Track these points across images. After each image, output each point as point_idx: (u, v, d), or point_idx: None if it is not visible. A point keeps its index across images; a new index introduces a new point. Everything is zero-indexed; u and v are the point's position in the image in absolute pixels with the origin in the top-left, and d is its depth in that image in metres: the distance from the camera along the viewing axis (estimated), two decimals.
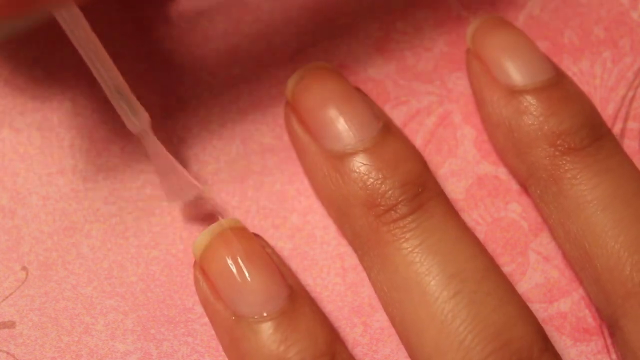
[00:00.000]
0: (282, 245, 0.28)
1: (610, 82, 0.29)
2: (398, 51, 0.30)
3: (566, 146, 0.26)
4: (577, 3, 0.30)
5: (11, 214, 0.28)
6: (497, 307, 0.24)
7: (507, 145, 0.28)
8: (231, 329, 0.25)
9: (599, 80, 0.29)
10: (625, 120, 0.29)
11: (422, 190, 0.26)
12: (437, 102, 0.29)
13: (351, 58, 0.29)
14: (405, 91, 0.29)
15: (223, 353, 0.26)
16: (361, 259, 0.27)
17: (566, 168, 0.26)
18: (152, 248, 0.28)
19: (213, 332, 0.27)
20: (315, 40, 0.30)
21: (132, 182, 0.28)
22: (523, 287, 0.27)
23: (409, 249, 0.25)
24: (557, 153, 0.26)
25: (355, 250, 0.27)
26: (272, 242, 0.28)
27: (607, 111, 0.29)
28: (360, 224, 0.26)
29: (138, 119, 0.26)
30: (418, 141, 0.29)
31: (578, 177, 0.26)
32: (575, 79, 0.29)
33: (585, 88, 0.29)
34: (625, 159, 0.27)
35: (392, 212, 0.26)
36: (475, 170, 0.29)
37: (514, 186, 0.29)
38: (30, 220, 0.28)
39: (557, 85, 0.27)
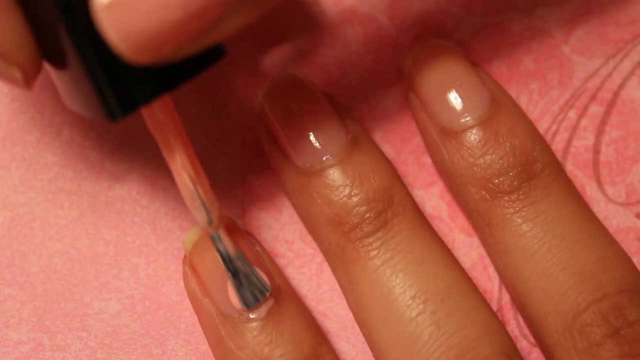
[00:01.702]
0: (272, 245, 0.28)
1: (534, 114, 0.29)
2: (324, 65, 0.30)
3: (496, 190, 0.26)
4: (509, 33, 0.30)
5: None
6: (459, 328, 0.24)
7: (447, 183, 0.28)
8: (217, 327, 0.25)
9: (524, 111, 0.29)
10: None
11: (388, 206, 0.26)
12: (359, 118, 0.29)
13: (277, 69, 0.30)
14: None
15: (116, 349, 0.27)
16: (334, 273, 0.27)
17: (497, 213, 0.26)
18: (57, 241, 0.28)
19: (108, 328, 0.27)
20: (243, 49, 0.30)
21: (44, 174, 0.28)
22: None
23: (373, 269, 0.25)
24: (487, 197, 0.26)
25: (329, 265, 0.27)
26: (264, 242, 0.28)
27: None
28: (329, 241, 0.26)
29: (213, 215, 0.24)
30: None
31: (508, 223, 0.26)
32: None
33: None
34: (557, 199, 0.26)
35: (357, 230, 0.26)
36: None
37: (428, 209, 0.29)
38: None
39: (488, 122, 0.26)
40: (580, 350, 0.24)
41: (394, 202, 0.26)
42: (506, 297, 0.28)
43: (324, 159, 0.26)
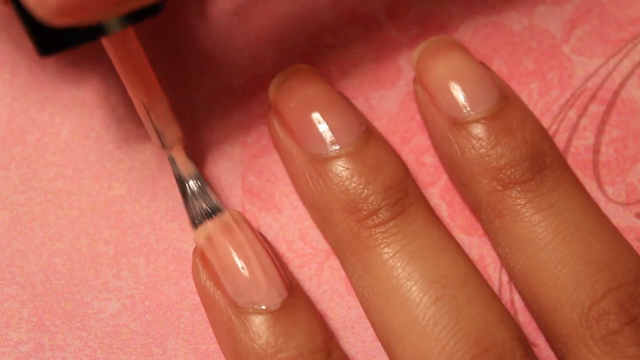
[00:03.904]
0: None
1: (534, 113, 0.29)
2: (324, 65, 0.30)
3: (507, 180, 0.26)
4: (510, 32, 0.30)
5: None
6: (478, 313, 0.24)
7: (454, 176, 0.28)
8: (229, 319, 0.25)
9: None
10: None
11: (404, 195, 0.26)
12: None
13: (277, 70, 0.30)
14: None
15: (116, 349, 0.27)
16: (343, 264, 0.27)
17: (508, 204, 0.26)
18: (57, 240, 0.28)
19: (108, 328, 0.27)
20: (242, 49, 0.30)
21: (44, 173, 0.28)
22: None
23: (390, 254, 0.25)
24: (499, 188, 0.26)
25: (337, 255, 0.27)
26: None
27: None
28: (342, 229, 0.26)
29: (169, 136, 0.27)
30: None
31: (520, 213, 0.26)
32: None
33: None
34: (568, 190, 0.26)
35: (374, 217, 0.26)
36: None
37: None
38: None
39: (499, 115, 0.27)
40: (598, 338, 0.24)
41: (409, 192, 0.26)
42: (506, 297, 0.28)
43: (340, 146, 0.26)
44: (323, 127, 0.26)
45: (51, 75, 0.29)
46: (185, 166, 0.27)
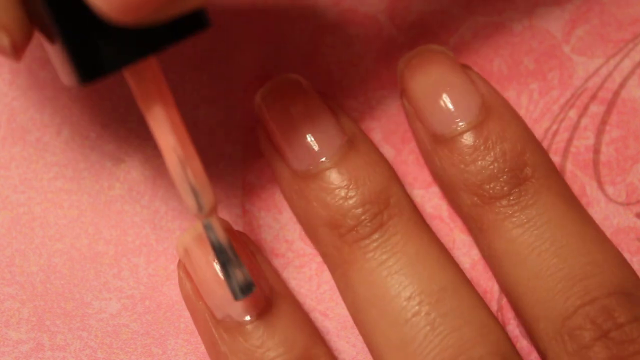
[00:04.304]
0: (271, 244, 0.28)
1: (535, 114, 0.29)
2: (324, 65, 0.30)
3: (487, 196, 0.26)
4: (510, 32, 0.30)
5: None
6: (454, 328, 0.24)
7: (442, 189, 0.28)
8: (211, 331, 0.25)
9: (524, 111, 0.29)
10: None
11: (385, 207, 0.26)
12: (359, 118, 0.29)
13: (277, 70, 0.30)
14: None
15: (116, 349, 0.27)
16: (332, 276, 0.27)
17: (489, 219, 0.26)
18: (57, 240, 0.28)
19: (108, 328, 0.27)
20: (242, 49, 0.30)
21: (44, 173, 0.28)
22: None
23: (369, 271, 0.25)
24: (479, 203, 0.26)
25: (328, 267, 0.27)
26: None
27: None
28: (326, 244, 0.26)
29: (207, 198, 0.23)
30: None
31: (498, 229, 0.26)
32: None
33: None
34: (547, 203, 0.26)
35: (354, 232, 0.26)
36: None
37: (428, 209, 0.29)
38: None
39: (478, 128, 0.26)
40: (571, 353, 0.24)
41: (390, 204, 0.26)
42: (503, 300, 0.28)
43: (319, 161, 0.26)
44: (302, 142, 0.26)
45: (51, 75, 0.29)
46: (223, 234, 0.24)
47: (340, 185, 0.26)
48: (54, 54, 0.22)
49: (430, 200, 0.29)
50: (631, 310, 0.24)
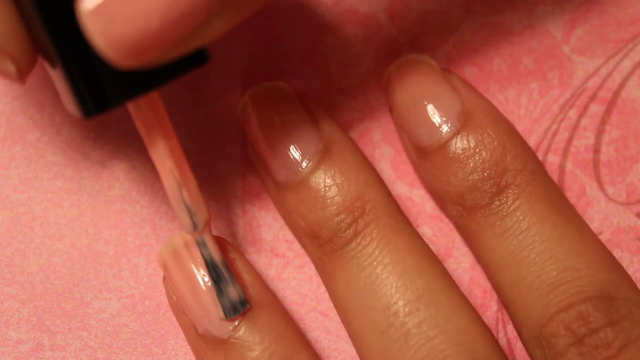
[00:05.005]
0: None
1: (535, 113, 0.29)
2: (324, 65, 0.30)
3: (469, 206, 0.26)
4: (510, 32, 0.30)
5: None
6: (429, 338, 0.24)
7: (432, 197, 0.28)
8: (196, 343, 0.25)
9: (524, 111, 0.29)
10: (546, 153, 0.29)
11: (359, 215, 0.26)
12: (358, 118, 0.29)
13: (277, 70, 0.30)
14: (327, 106, 0.29)
15: (116, 349, 0.27)
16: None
17: (473, 229, 0.26)
18: (57, 240, 0.28)
19: (108, 328, 0.27)
20: (242, 49, 0.30)
21: (44, 173, 0.28)
22: None
23: (346, 282, 0.25)
24: (463, 213, 0.26)
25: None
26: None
27: (529, 142, 0.29)
28: (310, 253, 0.27)
29: (201, 216, 0.24)
30: None
31: (479, 238, 0.26)
32: (500, 107, 0.29)
33: (509, 117, 0.29)
34: (527, 210, 0.26)
35: (331, 242, 0.26)
36: (390, 190, 0.29)
37: (428, 209, 0.29)
38: None
39: (457, 139, 0.26)
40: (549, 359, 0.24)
41: (366, 210, 0.26)
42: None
43: (297, 171, 0.26)
44: (280, 154, 0.26)
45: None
46: (216, 251, 0.25)
47: (315, 196, 0.26)
48: (58, 83, 0.22)
49: (430, 200, 0.29)
50: (607, 315, 0.24)
